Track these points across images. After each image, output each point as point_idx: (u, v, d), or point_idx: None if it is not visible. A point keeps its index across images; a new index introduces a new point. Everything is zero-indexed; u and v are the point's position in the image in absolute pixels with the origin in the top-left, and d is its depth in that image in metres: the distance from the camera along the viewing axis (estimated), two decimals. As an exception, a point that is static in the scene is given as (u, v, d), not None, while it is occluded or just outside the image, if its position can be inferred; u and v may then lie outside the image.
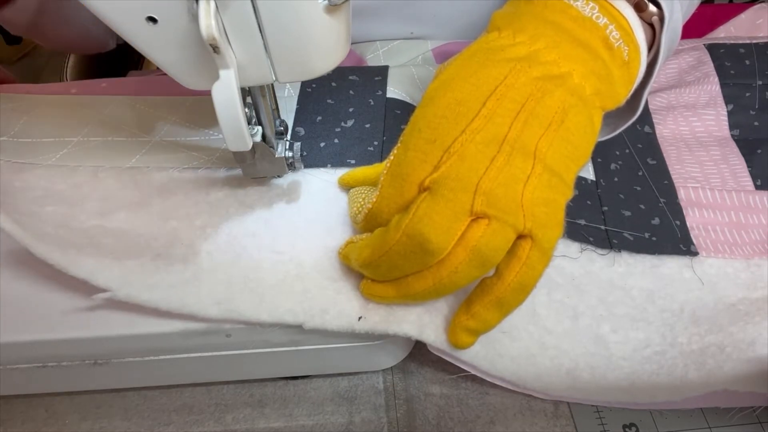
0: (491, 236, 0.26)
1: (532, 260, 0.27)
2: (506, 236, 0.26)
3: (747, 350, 0.31)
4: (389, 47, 0.48)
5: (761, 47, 0.45)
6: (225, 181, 0.36)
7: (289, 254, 0.33)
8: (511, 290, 0.27)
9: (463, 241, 0.26)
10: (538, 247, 0.27)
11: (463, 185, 0.26)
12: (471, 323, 0.29)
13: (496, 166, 0.26)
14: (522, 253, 0.27)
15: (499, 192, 0.26)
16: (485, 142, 0.26)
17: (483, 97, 0.27)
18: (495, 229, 0.26)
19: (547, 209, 0.27)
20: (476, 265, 0.26)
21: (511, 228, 0.26)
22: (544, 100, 0.27)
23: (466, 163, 0.26)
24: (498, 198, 0.26)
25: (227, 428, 0.34)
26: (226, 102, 0.27)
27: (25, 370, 0.32)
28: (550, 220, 0.27)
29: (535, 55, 0.28)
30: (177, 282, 0.31)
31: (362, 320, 0.30)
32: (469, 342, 0.30)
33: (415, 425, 0.34)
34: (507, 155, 0.26)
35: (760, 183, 0.38)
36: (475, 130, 0.26)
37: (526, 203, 0.26)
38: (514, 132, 0.26)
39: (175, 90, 0.42)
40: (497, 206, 0.26)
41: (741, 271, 0.35)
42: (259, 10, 0.25)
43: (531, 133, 0.27)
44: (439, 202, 0.26)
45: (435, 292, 0.28)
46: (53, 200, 0.35)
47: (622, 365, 0.32)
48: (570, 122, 0.27)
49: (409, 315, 0.31)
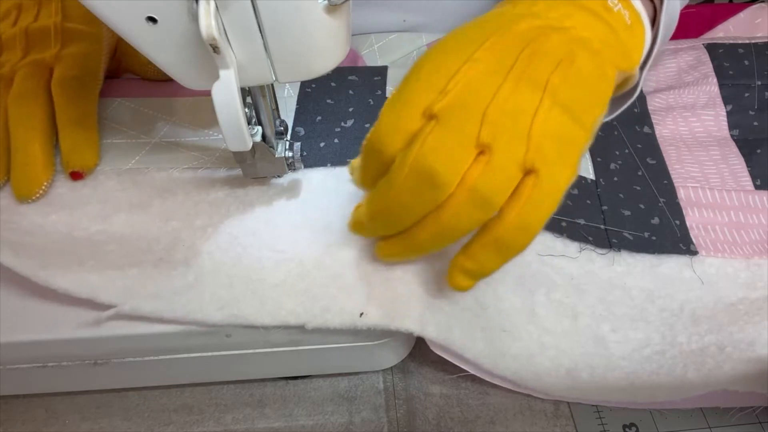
0: (491, 174, 0.24)
1: (535, 199, 0.24)
2: (507, 173, 0.24)
3: (747, 350, 0.31)
4: (384, 42, 0.48)
5: (760, 47, 0.45)
6: (225, 181, 0.36)
7: (290, 253, 0.33)
8: (511, 230, 0.25)
9: (464, 179, 0.25)
10: (542, 185, 0.24)
11: (470, 113, 0.24)
12: (468, 264, 0.27)
13: (503, 95, 0.24)
14: (524, 190, 0.25)
15: (506, 120, 0.24)
16: (491, 71, 0.25)
17: (487, 33, 0.26)
18: (494, 166, 0.24)
19: (558, 145, 0.25)
20: (476, 206, 0.25)
21: (513, 163, 0.24)
22: (550, 41, 0.26)
23: (473, 92, 0.25)
24: (503, 129, 0.24)
25: (227, 428, 0.34)
26: (226, 102, 0.27)
27: (25, 370, 0.32)
28: (559, 157, 0.25)
29: (536, 13, 0.27)
30: (180, 287, 0.31)
31: (364, 316, 0.30)
32: (466, 285, 0.28)
33: (415, 425, 0.34)
34: (514, 83, 0.25)
35: (759, 183, 0.38)
36: (479, 59, 0.25)
37: (533, 135, 0.24)
38: (520, 64, 0.25)
39: (175, 90, 0.42)
40: (503, 135, 0.24)
41: (741, 271, 0.35)
42: (259, 10, 0.25)
43: (539, 67, 0.25)
44: (447, 132, 0.24)
45: (439, 239, 0.26)
46: (55, 207, 0.35)
47: (622, 365, 0.32)
48: (581, 65, 0.26)
49: (411, 311, 0.31)
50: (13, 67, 0.38)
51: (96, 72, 0.39)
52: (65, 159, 0.36)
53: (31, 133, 0.35)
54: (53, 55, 0.38)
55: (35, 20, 0.40)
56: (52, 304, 0.31)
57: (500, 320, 0.33)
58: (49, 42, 0.39)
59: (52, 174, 0.36)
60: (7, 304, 0.31)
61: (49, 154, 0.36)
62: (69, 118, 0.37)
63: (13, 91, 0.37)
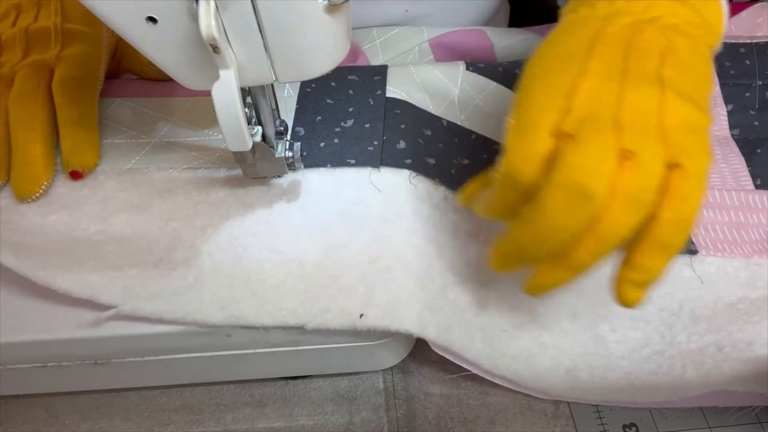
0: (641, 174, 0.24)
1: (686, 191, 0.24)
2: (655, 171, 0.24)
3: (746, 350, 0.31)
4: (386, 37, 0.48)
5: (762, 47, 0.45)
6: (225, 181, 0.36)
7: (290, 254, 0.33)
8: (670, 228, 0.25)
9: (613, 188, 0.24)
10: (689, 176, 0.24)
11: (603, 122, 0.25)
12: (634, 275, 0.26)
13: (628, 98, 0.25)
14: (673, 185, 0.24)
15: (639, 121, 0.25)
16: (606, 78, 0.25)
17: (589, 42, 0.26)
18: (642, 165, 0.24)
19: (692, 134, 0.25)
20: (632, 209, 0.24)
21: (659, 161, 0.24)
22: (647, 36, 0.27)
23: (597, 101, 0.25)
24: (640, 127, 0.24)
25: (227, 428, 0.34)
26: (226, 102, 0.27)
27: (25, 370, 0.32)
28: (696, 146, 0.25)
29: (619, 9, 0.28)
30: (180, 288, 0.31)
31: (363, 317, 0.30)
32: (639, 297, 0.27)
33: (415, 425, 0.34)
34: (634, 85, 0.25)
35: (759, 182, 0.38)
36: (589, 70, 0.26)
37: (668, 131, 0.25)
38: (631, 64, 0.26)
39: (175, 90, 0.42)
40: (641, 136, 0.24)
41: (741, 270, 0.35)
42: (259, 10, 0.25)
43: (648, 63, 0.26)
44: (586, 145, 0.24)
45: (600, 251, 0.26)
46: (55, 207, 0.35)
47: (621, 365, 0.32)
48: (681, 51, 0.27)
49: (411, 312, 0.31)
50: (14, 68, 0.38)
51: (96, 72, 0.39)
52: (65, 159, 0.36)
53: (31, 133, 0.35)
54: (53, 56, 0.38)
55: (35, 21, 0.40)
56: (52, 304, 0.31)
57: (500, 320, 0.33)
58: (49, 43, 0.39)
59: (52, 174, 0.36)
60: (7, 304, 0.31)
61: (50, 154, 0.36)
62: (69, 118, 0.37)
63: (14, 91, 0.37)
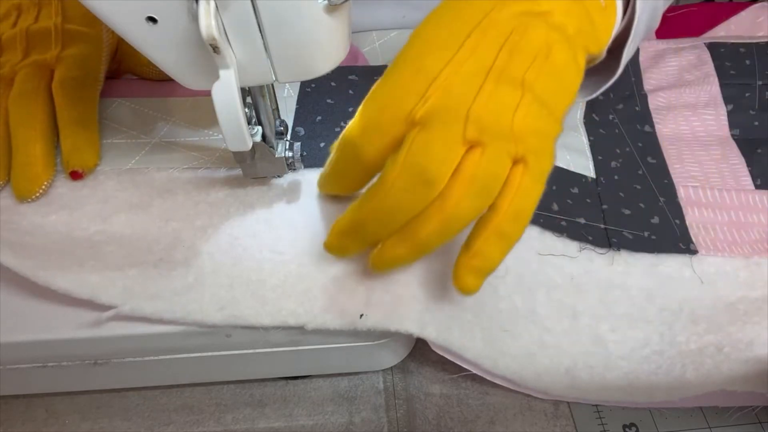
0: (488, 162, 0.26)
1: (526, 186, 0.26)
2: (502, 161, 0.26)
3: (745, 350, 0.31)
4: (385, 39, 0.48)
5: (762, 47, 0.45)
6: (225, 181, 0.36)
7: (291, 254, 0.33)
8: (509, 219, 0.27)
9: (460, 171, 0.26)
10: (531, 173, 0.26)
11: (454, 115, 0.26)
12: (475, 261, 0.28)
13: (485, 95, 0.26)
14: (515, 179, 0.26)
15: (489, 118, 0.26)
16: (471, 73, 0.26)
17: (467, 29, 0.27)
18: (490, 155, 0.26)
19: (538, 137, 0.27)
20: (478, 194, 0.26)
21: (506, 153, 0.26)
22: (528, 34, 0.27)
23: (455, 94, 0.26)
24: (489, 124, 0.26)
25: (227, 428, 0.34)
26: (226, 102, 0.27)
27: (25, 370, 0.32)
28: (541, 148, 0.27)
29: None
30: (180, 288, 0.31)
31: (364, 318, 0.30)
32: (476, 284, 0.28)
33: (415, 425, 0.34)
34: (494, 83, 0.26)
35: (759, 182, 0.38)
36: (460, 61, 0.26)
37: (516, 130, 0.26)
38: (500, 62, 0.26)
39: (175, 90, 0.42)
40: (489, 132, 0.26)
41: (740, 270, 0.35)
42: (259, 10, 0.25)
43: (518, 64, 0.26)
44: (432, 133, 0.26)
45: (444, 232, 0.27)
46: (55, 207, 0.35)
47: (621, 364, 0.32)
48: (555, 56, 0.27)
49: (411, 312, 0.31)
50: (14, 68, 0.38)
51: (96, 73, 0.39)
52: (65, 159, 0.36)
53: (31, 133, 0.35)
54: (54, 56, 0.38)
55: (35, 21, 0.40)
56: (52, 304, 0.31)
57: (500, 320, 0.33)
58: (50, 43, 0.39)
59: (52, 174, 0.36)
60: (7, 304, 0.31)
61: (50, 154, 0.36)
62: (69, 119, 0.37)
63: (14, 91, 0.37)
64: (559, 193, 0.37)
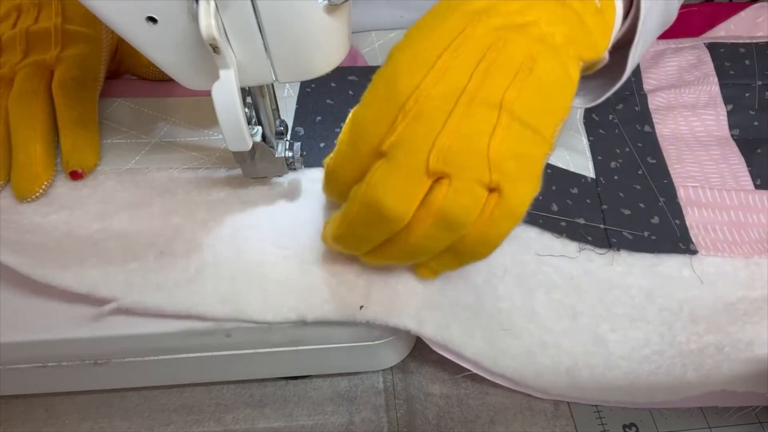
0: (454, 196, 0.24)
1: (496, 216, 0.25)
2: (473, 193, 0.25)
3: (745, 350, 0.31)
4: (384, 40, 0.48)
5: (761, 47, 0.45)
6: (225, 181, 0.36)
7: (292, 250, 0.33)
8: (471, 245, 0.26)
9: (426, 204, 0.25)
10: (504, 203, 0.25)
11: (418, 145, 0.24)
12: (432, 263, 0.29)
13: (454, 120, 0.24)
14: (486, 208, 0.25)
15: (458, 146, 0.24)
16: (441, 97, 0.24)
17: (438, 50, 0.25)
18: (458, 188, 0.24)
19: (519, 162, 0.25)
20: (444, 228, 0.25)
21: (477, 183, 0.24)
22: (507, 49, 0.25)
23: (422, 122, 0.24)
24: (457, 153, 0.24)
25: (227, 428, 0.34)
26: (226, 102, 0.27)
27: (25, 370, 0.32)
28: (521, 174, 0.25)
29: (495, 5, 0.26)
30: (182, 280, 0.31)
31: (363, 309, 0.30)
32: (426, 275, 0.31)
33: (415, 425, 0.34)
34: (466, 107, 0.24)
35: (759, 182, 0.38)
36: (429, 84, 0.24)
37: (492, 156, 0.24)
38: (474, 83, 0.24)
39: (175, 90, 0.42)
40: (456, 162, 0.24)
41: (740, 270, 0.35)
42: (259, 10, 0.25)
43: (494, 83, 0.25)
44: (393, 167, 0.25)
45: (410, 257, 0.28)
46: (55, 207, 0.35)
47: (621, 364, 0.32)
48: (540, 71, 0.25)
49: (409, 308, 0.31)
50: (14, 68, 0.38)
51: (96, 73, 0.39)
52: (65, 159, 0.36)
53: (31, 133, 0.35)
54: (54, 57, 0.38)
55: (35, 22, 0.40)
56: (53, 304, 0.31)
57: (500, 319, 0.33)
58: (49, 44, 0.39)
59: (52, 174, 0.36)
60: (7, 304, 0.31)
61: (50, 154, 0.36)
62: (69, 119, 0.37)
63: (14, 91, 0.37)
64: (558, 194, 0.37)
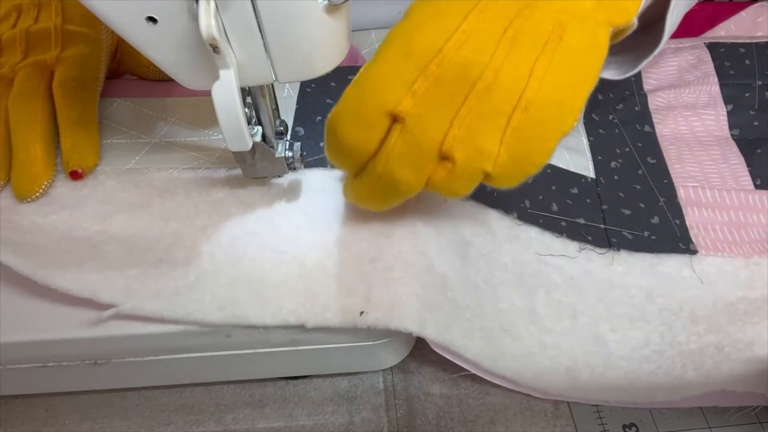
0: (452, 180, 0.26)
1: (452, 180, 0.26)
2: (470, 180, 0.26)
3: (745, 350, 0.31)
4: None
5: (761, 47, 0.45)
6: (225, 181, 0.36)
7: (291, 253, 0.33)
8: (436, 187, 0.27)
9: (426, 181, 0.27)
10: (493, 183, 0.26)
11: (436, 122, 0.24)
12: None
13: (474, 97, 0.24)
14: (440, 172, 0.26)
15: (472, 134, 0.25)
16: (464, 65, 0.23)
17: (465, 10, 0.24)
18: (458, 175, 0.26)
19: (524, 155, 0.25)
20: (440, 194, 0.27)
21: (478, 173, 0.26)
22: (535, 16, 0.24)
23: (443, 91, 0.24)
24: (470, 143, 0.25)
25: (227, 428, 0.34)
26: (226, 102, 0.27)
27: (25, 370, 0.32)
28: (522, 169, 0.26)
29: None
30: (181, 287, 0.31)
31: (364, 315, 0.30)
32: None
33: (415, 425, 0.34)
34: (491, 81, 0.24)
35: (759, 182, 0.38)
36: (452, 48, 0.24)
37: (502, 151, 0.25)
38: (501, 52, 0.24)
39: (175, 90, 0.42)
40: (466, 153, 0.25)
41: (740, 270, 0.35)
42: (259, 10, 0.25)
43: (522, 53, 0.24)
44: (410, 143, 0.25)
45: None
46: (55, 207, 0.35)
47: (621, 364, 0.32)
48: (570, 39, 0.24)
49: (410, 311, 0.31)
50: (14, 68, 0.38)
51: (96, 73, 0.39)
52: (65, 159, 0.36)
53: (31, 133, 0.35)
54: (54, 57, 0.38)
55: (35, 22, 0.40)
56: (52, 304, 0.31)
57: (500, 320, 0.33)
58: (49, 44, 0.39)
59: (52, 174, 0.36)
60: (7, 304, 0.31)
61: (50, 154, 0.36)
62: (69, 119, 0.37)
63: (14, 91, 0.37)
64: (558, 194, 0.37)
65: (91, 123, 0.38)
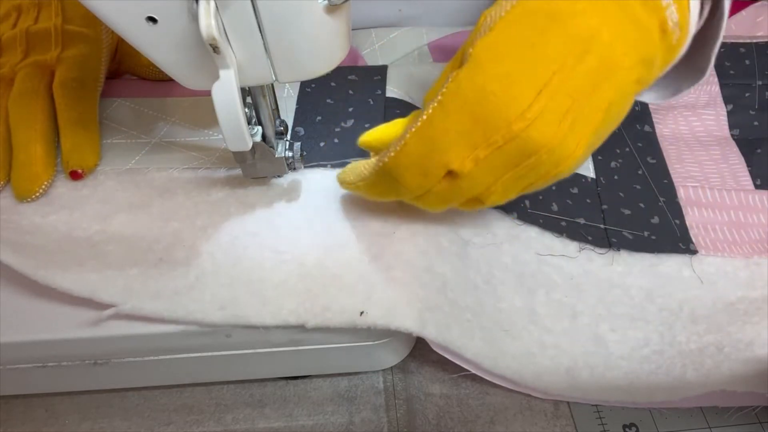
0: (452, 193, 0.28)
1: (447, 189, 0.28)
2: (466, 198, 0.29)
3: (745, 350, 0.31)
4: (385, 41, 0.48)
5: (761, 47, 0.45)
6: (225, 181, 0.36)
7: (291, 254, 0.33)
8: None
9: None
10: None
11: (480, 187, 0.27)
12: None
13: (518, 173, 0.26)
14: None
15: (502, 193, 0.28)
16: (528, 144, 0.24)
17: (538, 84, 0.24)
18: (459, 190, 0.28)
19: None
20: None
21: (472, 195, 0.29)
22: (598, 94, 0.24)
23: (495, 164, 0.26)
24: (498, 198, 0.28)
25: (227, 428, 0.34)
26: (226, 102, 0.27)
27: (25, 370, 0.32)
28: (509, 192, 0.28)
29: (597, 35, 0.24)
30: (181, 288, 0.31)
31: (364, 315, 0.30)
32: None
33: (415, 425, 0.34)
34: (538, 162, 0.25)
35: (759, 182, 0.38)
36: (521, 127, 0.24)
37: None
38: (559, 136, 0.24)
39: (175, 90, 0.42)
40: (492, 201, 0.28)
41: (740, 270, 0.35)
42: (259, 10, 0.25)
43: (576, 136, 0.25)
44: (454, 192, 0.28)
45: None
46: (55, 207, 0.35)
47: (621, 364, 0.32)
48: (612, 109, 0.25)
49: (411, 311, 0.31)
50: (14, 68, 0.38)
51: (96, 73, 0.39)
52: (65, 159, 0.36)
53: (31, 133, 0.35)
54: (54, 57, 0.38)
55: (35, 22, 0.40)
56: (52, 304, 0.31)
57: (500, 320, 0.33)
58: (50, 44, 0.39)
59: (52, 174, 0.36)
60: (7, 304, 0.31)
61: (50, 154, 0.36)
62: (70, 119, 0.37)
63: (14, 91, 0.37)
64: (558, 193, 0.37)
65: (92, 123, 0.38)
